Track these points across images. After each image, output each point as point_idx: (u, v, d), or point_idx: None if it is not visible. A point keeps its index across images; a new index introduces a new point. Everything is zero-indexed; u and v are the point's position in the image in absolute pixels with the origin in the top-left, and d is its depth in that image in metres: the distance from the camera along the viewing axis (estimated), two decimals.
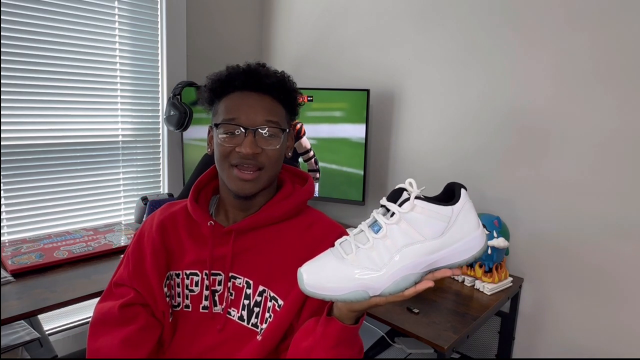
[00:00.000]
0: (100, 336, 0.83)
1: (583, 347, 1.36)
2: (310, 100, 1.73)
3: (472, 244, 0.62)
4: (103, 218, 1.76)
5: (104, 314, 0.86)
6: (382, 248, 0.61)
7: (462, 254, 0.61)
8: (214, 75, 0.86)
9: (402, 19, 1.69)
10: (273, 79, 0.84)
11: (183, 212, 0.91)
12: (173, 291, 0.87)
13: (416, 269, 0.60)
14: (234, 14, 2.08)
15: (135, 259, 0.88)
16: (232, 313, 0.84)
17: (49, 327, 1.62)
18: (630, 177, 1.23)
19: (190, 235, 0.88)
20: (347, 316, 0.68)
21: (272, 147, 0.82)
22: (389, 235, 0.61)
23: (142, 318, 0.84)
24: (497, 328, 1.51)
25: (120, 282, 0.89)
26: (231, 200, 0.87)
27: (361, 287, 0.61)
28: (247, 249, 0.85)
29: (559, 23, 1.32)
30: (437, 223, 0.61)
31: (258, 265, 0.84)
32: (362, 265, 0.61)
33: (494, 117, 1.48)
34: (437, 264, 0.61)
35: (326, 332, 0.69)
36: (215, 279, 0.85)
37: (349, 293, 0.61)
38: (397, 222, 0.61)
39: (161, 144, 1.89)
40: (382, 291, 0.61)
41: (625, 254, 1.26)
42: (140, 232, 0.92)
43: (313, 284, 0.62)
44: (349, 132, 1.69)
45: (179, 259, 0.88)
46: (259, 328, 0.82)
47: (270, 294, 0.82)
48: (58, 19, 1.53)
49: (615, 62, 1.24)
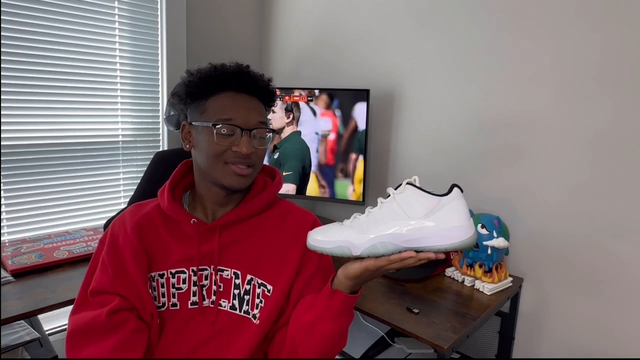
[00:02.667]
0: (85, 347, 0.80)
1: (583, 347, 1.36)
2: (310, 100, 1.73)
3: (455, 232, 0.67)
4: (103, 218, 1.76)
5: (85, 324, 0.82)
6: (372, 219, 0.72)
7: (443, 239, 0.67)
8: (201, 72, 0.87)
9: (402, 19, 1.69)
10: (261, 83, 0.89)
11: (157, 212, 0.90)
12: (155, 292, 0.87)
13: (396, 239, 0.69)
14: (234, 13, 2.08)
15: (115, 264, 0.85)
16: (223, 304, 0.87)
17: (49, 327, 1.62)
18: (630, 177, 1.23)
19: (172, 235, 0.88)
20: (344, 284, 0.76)
21: (262, 146, 0.88)
22: (381, 210, 0.72)
23: (132, 322, 0.82)
24: (497, 328, 1.51)
25: (99, 290, 0.85)
26: (213, 196, 0.89)
27: (345, 243, 0.72)
28: (232, 242, 0.88)
29: (557, 24, 1.32)
30: (422, 207, 0.69)
31: (243, 256, 0.88)
32: (353, 229, 0.73)
33: (494, 117, 1.48)
34: (417, 242, 0.68)
35: (330, 303, 0.77)
36: (202, 274, 0.87)
37: (335, 247, 0.72)
38: (389, 202, 0.72)
39: (161, 144, 1.89)
40: (362, 251, 0.71)
41: (625, 254, 1.26)
42: (112, 236, 0.89)
43: (314, 238, 0.74)
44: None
45: (161, 260, 0.87)
46: (251, 314, 0.86)
47: (258, 281, 0.87)
48: (58, 19, 1.53)
49: (613, 62, 1.24)
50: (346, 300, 0.76)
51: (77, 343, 0.81)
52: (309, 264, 0.89)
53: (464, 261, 1.40)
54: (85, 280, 0.89)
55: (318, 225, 0.92)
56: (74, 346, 0.81)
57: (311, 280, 0.88)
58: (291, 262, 0.87)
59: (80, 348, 0.81)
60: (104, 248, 0.89)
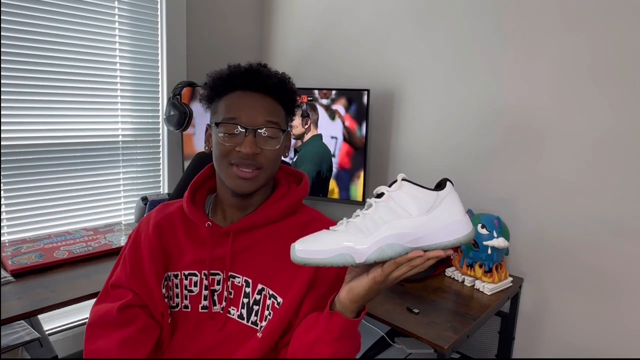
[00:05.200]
0: (98, 338, 0.83)
1: (583, 347, 1.36)
2: (311, 100, 1.73)
3: (457, 226, 0.64)
4: (103, 218, 1.76)
5: (101, 315, 0.85)
6: (370, 220, 0.65)
7: (448, 235, 0.63)
8: (215, 74, 0.86)
9: (402, 19, 1.69)
10: (274, 80, 0.85)
11: (179, 212, 0.91)
12: (171, 292, 0.87)
13: (402, 240, 0.63)
14: (234, 13, 2.08)
15: (133, 261, 0.87)
16: (231, 312, 0.85)
17: (49, 327, 1.62)
18: (630, 176, 1.23)
19: (188, 236, 0.88)
20: (349, 308, 0.69)
21: (271, 147, 0.83)
22: (377, 211, 0.66)
23: (141, 319, 0.84)
24: (497, 328, 1.51)
25: (118, 284, 0.88)
26: (229, 199, 0.87)
27: (347, 250, 0.63)
28: (246, 248, 0.85)
29: (555, 23, 1.32)
30: (422, 203, 0.64)
31: (256, 264, 0.84)
32: (350, 234, 0.65)
33: (494, 116, 1.48)
34: (423, 240, 0.63)
35: (329, 325, 0.70)
36: (214, 279, 0.85)
37: (335, 256, 0.63)
38: (385, 200, 0.66)
39: (161, 144, 1.89)
40: (368, 256, 0.63)
41: (625, 254, 1.26)
42: (137, 234, 0.91)
43: (303, 250, 0.64)
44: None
45: (177, 260, 0.87)
46: (259, 326, 0.83)
47: (269, 292, 0.83)
48: (58, 19, 1.53)
49: (612, 60, 1.24)
50: (346, 324, 0.70)
51: (93, 333, 0.84)
52: (323, 281, 0.83)
53: (464, 261, 1.40)
54: (111, 272, 0.92)
55: None
56: (90, 336, 0.84)
57: (324, 299, 0.79)
58: (303, 276, 0.81)
59: (95, 338, 0.83)
60: (128, 243, 0.91)
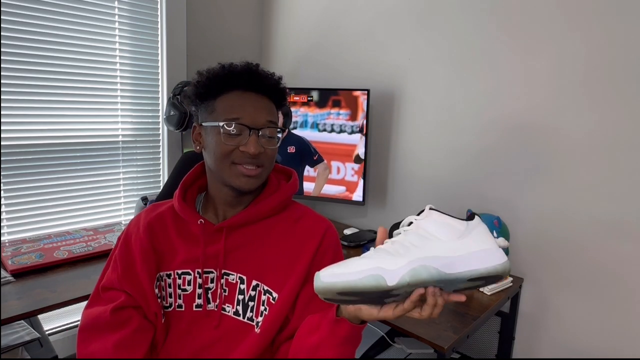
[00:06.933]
0: (92, 341, 0.82)
1: (583, 347, 1.36)
2: (311, 99, 1.73)
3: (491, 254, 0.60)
4: (103, 218, 1.76)
5: (93, 319, 0.84)
6: (400, 245, 0.61)
7: (481, 262, 0.59)
8: (210, 72, 0.85)
9: (402, 19, 1.69)
10: (272, 81, 0.86)
11: (170, 212, 0.91)
12: (164, 292, 0.87)
13: (435, 262, 0.58)
14: (234, 14, 2.08)
15: (124, 262, 0.87)
16: (226, 309, 0.85)
17: (49, 327, 1.62)
18: (630, 176, 1.23)
19: (180, 235, 0.88)
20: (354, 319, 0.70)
21: (272, 146, 0.85)
22: (407, 237, 0.62)
23: (135, 321, 0.83)
24: (497, 328, 1.51)
25: (109, 286, 0.87)
26: (224, 197, 0.88)
27: (378, 271, 0.57)
28: (239, 245, 0.86)
29: (556, 23, 1.32)
30: (452, 230, 0.62)
31: (250, 260, 0.85)
32: (380, 257, 0.60)
33: (494, 117, 1.48)
34: (456, 265, 0.59)
35: (335, 330, 0.71)
36: (207, 277, 0.86)
37: (366, 277, 0.57)
38: (414, 228, 0.63)
39: (161, 144, 1.89)
40: (401, 277, 0.57)
41: (625, 254, 1.26)
42: (126, 235, 0.91)
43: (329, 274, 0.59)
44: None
45: (169, 260, 0.87)
46: (255, 321, 0.84)
47: (264, 288, 0.84)
48: (58, 19, 1.53)
49: (613, 60, 1.24)
50: (352, 330, 0.70)
51: (86, 337, 0.83)
52: None
53: None
54: (101, 276, 0.91)
55: (333, 232, 0.89)
56: (82, 340, 0.83)
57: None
58: (298, 271, 0.83)
59: (88, 342, 0.83)
60: (117, 245, 0.91)
